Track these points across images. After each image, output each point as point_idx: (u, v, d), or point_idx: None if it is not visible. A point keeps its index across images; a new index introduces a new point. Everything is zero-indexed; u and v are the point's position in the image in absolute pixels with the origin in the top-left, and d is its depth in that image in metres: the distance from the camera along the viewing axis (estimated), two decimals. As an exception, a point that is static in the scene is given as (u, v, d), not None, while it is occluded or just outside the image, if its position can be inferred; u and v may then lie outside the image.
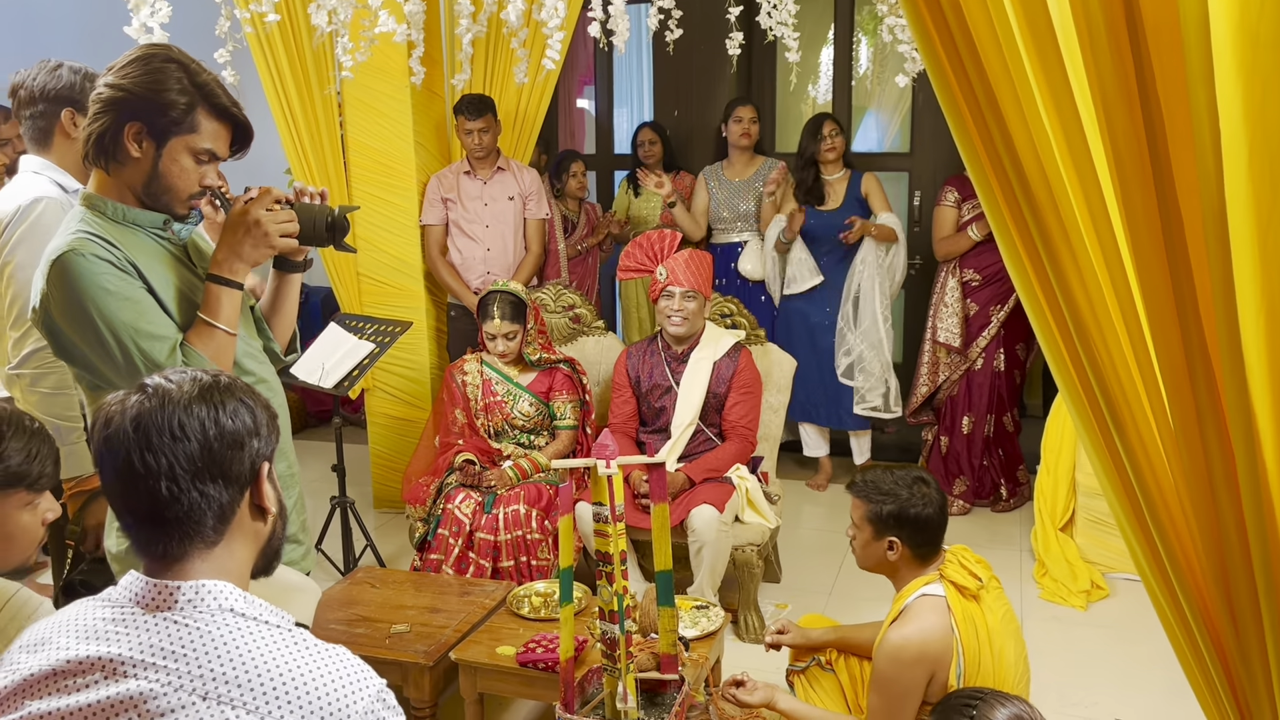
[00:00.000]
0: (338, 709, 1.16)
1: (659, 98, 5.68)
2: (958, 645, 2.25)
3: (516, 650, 2.80)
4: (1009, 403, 4.49)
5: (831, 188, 4.54)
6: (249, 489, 1.28)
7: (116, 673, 1.16)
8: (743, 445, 3.61)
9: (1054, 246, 1.21)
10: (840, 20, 5.37)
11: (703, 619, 2.99)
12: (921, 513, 2.32)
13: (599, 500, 2.45)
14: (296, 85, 4.14)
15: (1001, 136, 1.18)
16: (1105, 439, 1.27)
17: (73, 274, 1.80)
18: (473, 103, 4.15)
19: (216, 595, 1.21)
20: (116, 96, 1.84)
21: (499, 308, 3.65)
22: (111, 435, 1.21)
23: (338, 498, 3.81)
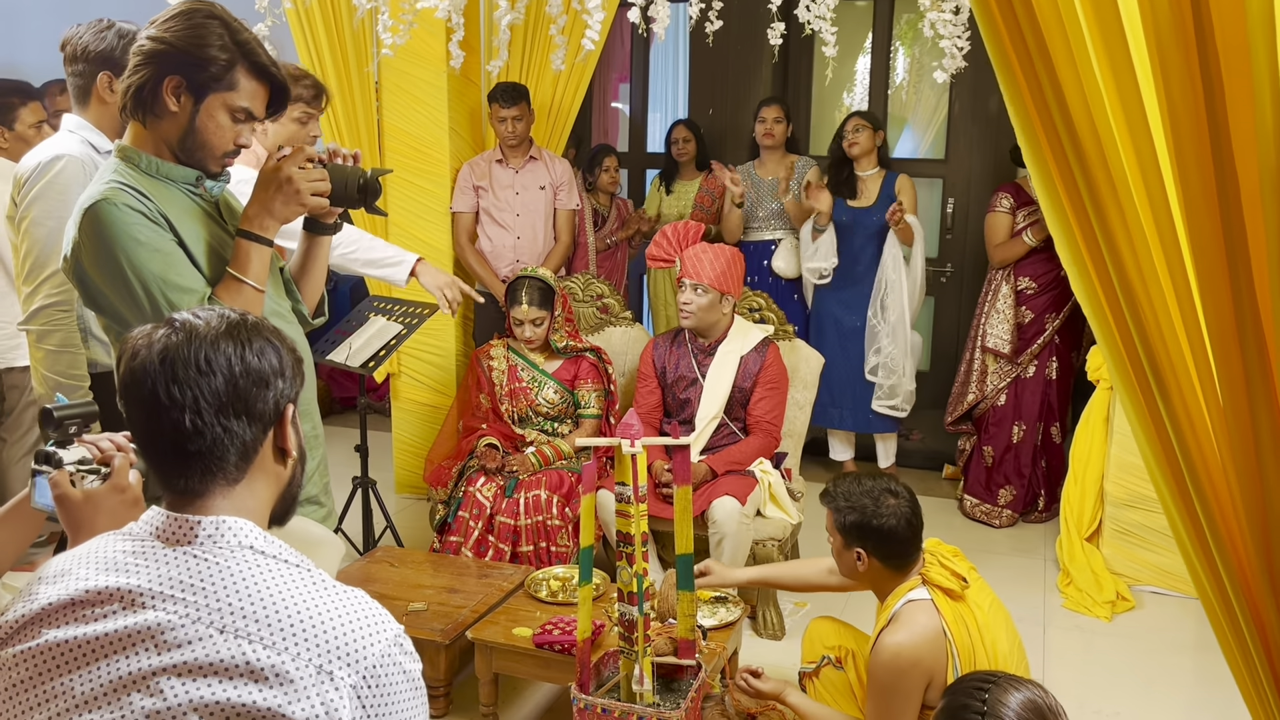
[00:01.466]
0: (355, 649, 1.14)
1: (694, 96, 5.67)
2: (951, 648, 2.22)
3: (533, 632, 2.78)
4: (1058, 412, 4.42)
5: (864, 184, 4.52)
6: (272, 429, 1.27)
7: (135, 603, 1.15)
8: (766, 440, 3.58)
9: (1101, 203, 1.18)
10: (879, 29, 5.35)
11: (721, 610, 2.96)
12: (885, 524, 2.31)
13: (622, 480, 2.43)
14: (335, 65, 4.16)
15: (1052, 87, 1.16)
16: (1149, 406, 1.23)
17: (104, 223, 1.81)
18: (507, 90, 4.15)
19: (236, 532, 1.20)
20: (157, 49, 1.85)
21: (527, 293, 3.64)
22: (137, 367, 1.20)
23: (360, 478, 3.81)
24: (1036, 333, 4.32)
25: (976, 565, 3.92)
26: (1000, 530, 4.37)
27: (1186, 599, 3.70)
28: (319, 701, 1.11)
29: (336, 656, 1.13)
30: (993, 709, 1.75)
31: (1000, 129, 4.99)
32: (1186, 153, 1.12)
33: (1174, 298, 1.20)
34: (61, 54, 2.53)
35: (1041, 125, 1.21)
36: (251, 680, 1.11)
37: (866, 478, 2.43)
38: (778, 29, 3.33)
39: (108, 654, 1.14)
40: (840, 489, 2.41)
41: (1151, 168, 1.17)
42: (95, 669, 1.14)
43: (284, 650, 1.12)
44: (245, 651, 1.12)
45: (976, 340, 4.42)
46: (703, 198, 5.04)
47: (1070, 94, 1.16)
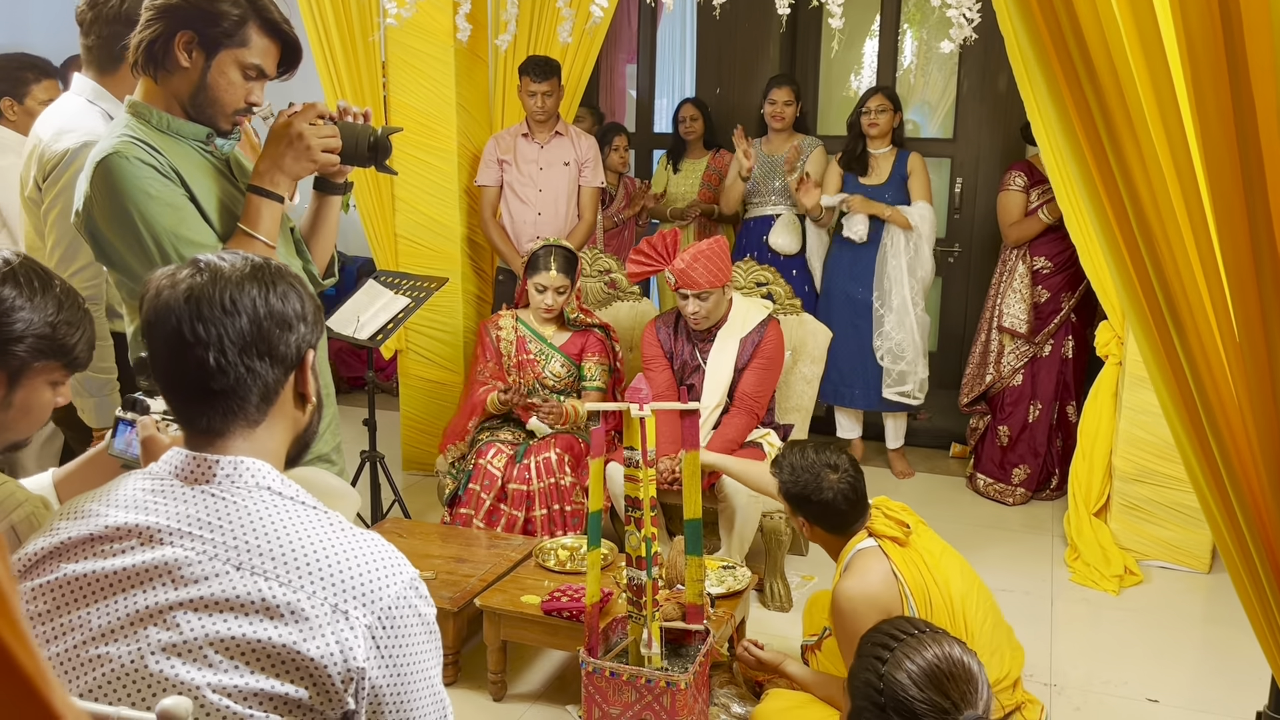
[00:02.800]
0: (371, 589, 1.15)
1: (701, 76, 5.66)
2: (904, 589, 2.33)
3: (541, 599, 2.79)
4: (1074, 391, 4.40)
5: (876, 162, 4.49)
6: (293, 373, 1.27)
7: (153, 540, 1.16)
8: (748, 418, 3.50)
9: (1118, 137, 1.17)
10: (886, 11, 5.33)
11: (729, 578, 2.96)
12: (822, 497, 2.43)
13: (630, 444, 2.43)
14: (341, 39, 4.15)
15: (1069, 21, 1.15)
16: (1165, 344, 1.23)
17: (116, 176, 1.81)
18: (539, 65, 4.12)
19: (254, 472, 1.21)
20: (170, 4, 1.84)
21: (555, 259, 3.61)
22: (162, 305, 1.20)
23: (368, 452, 3.82)
24: (1053, 311, 4.30)
25: (986, 540, 3.95)
26: (1012, 508, 4.36)
27: (1194, 573, 3.70)
28: (334, 640, 1.11)
29: (352, 596, 1.14)
30: (889, 686, 1.68)
31: (1009, 108, 4.97)
32: (1204, 86, 1.12)
33: (1190, 233, 1.19)
34: (90, 10, 2.39)
35: (1058, 59, 1.20)
36: (267, 617, 1.11)
37: (811, 449, 2.52)
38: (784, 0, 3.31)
39: (125, 588, 1.14)
40: (786, 460, 2.52)
41: (1169, 101, 1.16)
42: (112, 602, 1.14)
43: (300, 588, 1.12)
44: (261, 588, 1.12)
45: (992, 321, 4.40)
46: (710, 176, 5.02)
47: (1087, 27, 1.16)
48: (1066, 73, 1.22)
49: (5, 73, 3.64)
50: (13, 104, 3.63)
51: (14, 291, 1.45)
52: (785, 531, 3.43)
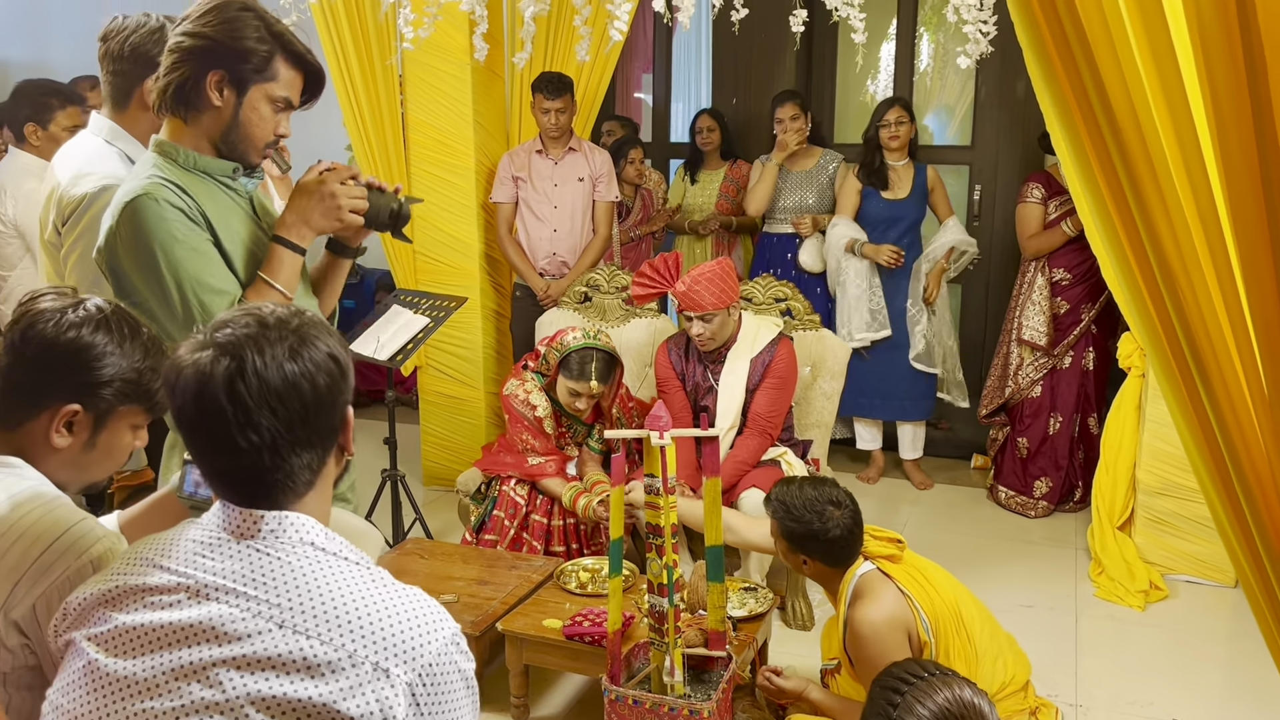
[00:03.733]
0: (412, 647, 1.15)
1: (718, 86, 5.65)
2: (913, 604, 2.35)
3: (563, 623, 2.79)
4: (1095, 403, 4.36)
5: (897, 174, 4.48)
6: (336, 437, 1.28)
7: (199, 595, 1.17)
8: (761, 440, 3.45)
9: (1141, 186, 1.16)
10: (903, 15, 5.30)
11: (750, 600, 2.95)
12: (831, 535, 2.44)
13: (651, 472, 2.43)
14: (359, 60, 4.17)
15: (1089, 69, 1.14)
16: (1190, 393, 1.22)
17: (143, 218, 1.83)
18: (552, 81, 4.12)
19: (299, 528, 1.21)
20: (197, 45, 1.86)
21: (596, 368, 3.40)
22: (207, 407, 1.17)
23: (389, 470, 3.83)
24: (1073, 323, 4.27)
25: (1008, 554, 3.93)
26: (1034, 520, 4.34)
27: (1221, 588, 3.66)
28: (374, 698, 1.12)
29: (393, 654, 1.14)
30: None
31: (1028, 114, 4.94)
32: (1229, 135, 1.10)
33: (1216, 283, 1.18)
34: (101, 45, 2.39)
35: (1078, 107, 1.19)
36: (308, 675, 1.12)
37: (808, 485, 2.54)
38: (799, 17, 3.30)
39: (170, 644, 1.16)
40: (785, 500, 2.52)
41: (1193, 150, 1.15)
42: (157, 657, 1.16)
43: (340, 646, 1.13)
44: (303, 646, 1.13)
45: (1012, 333, 4.38)
46: (728, 187, 5.01)
47: (1108, 76, 1.15)
48: (1086, 117, 1.21)
49: (30, 99, 3.69)
50: (37, 129, 3.68)
51: (105, 338, 1.51)
52: (806, 549, 3.42)
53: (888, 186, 4.47)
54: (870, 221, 4.49)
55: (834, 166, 4.70)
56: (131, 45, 2.35)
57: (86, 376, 1.50)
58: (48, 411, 1.50)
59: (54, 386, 1.49)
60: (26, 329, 1.50)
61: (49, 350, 1.48)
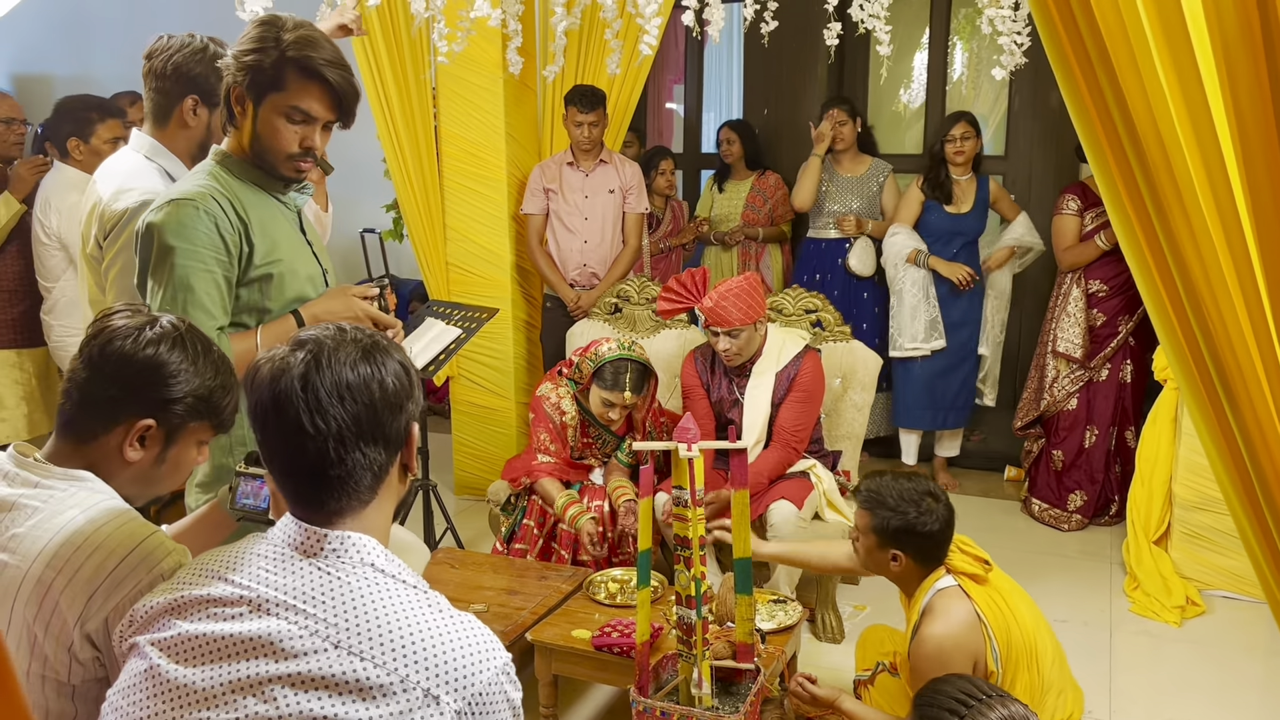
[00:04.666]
0: (464, 675, 1.17)
1: (749, 96, 5.66)
2: (987, 630, 2.27)
3: (592, 634, 2.80)
4: (1132, 416, 4.32)
5: (961, 189, 4.48)
6: (400, 450, 1.31)
7: (261, 609, 1.20)
8: (785, 453, 3.43)
9: (1165, 207, 1.16)
10: (936, 24, 5.29)
11: (780, 613, 2.95)
12: (929, 528, 2.34)
13: (679, 484, 2.44)
14: (394, 74, 4.23)
15: (1113, 90, 1.14)
16: (1216, 413, 1.21)
17: (180, 218, 1.93)
18: (586, 95, 4.16)
19: (360, 549, 1.24)
20: (227, 64, 1.98)
21: (630, 379, 3.40)
22: (280, 393, 1.22)
23: (420, 480, 3.87)
24: (1109, 335, 4.23)
25: (1042, 568, 3.89)
26: (1068, 533, 4.30)
27: (1258, 604, 3.61)
28: None
29: (444, 681, 1.16)
30: None
31: (1063, 124, 4.90)
32: (1254, 155, 1.10)
33: (1242, 303, 1.17)
34: (145, 62, 2.43)
35: (1103, 129, 1.19)
36: (360, 698, 1.14)
37: (903, 478, 2.44)
38: (834, 29, 3.31)
39: (229, 656, 1.18)
40: (876, 491, 2.41)
41: (1218, 170, 1.15)
42: (217, 668, 1.18)
43: (394, 671, 1.15)
44: (356, 668, 1.15)
45: (1048, 345, 4.35)
46: (754, 197, 5.03)
47: (1132, 96, 1.15)
48: (1110, 139, 1.21)
49: (71, 114, 3.77)
50: (79, 144, 3.76)
51: (180, 355, 1.57)
52: (836, 562, 3.41)
53: (951, 200, 4.46)
54: (931, 233, 4.49)
55: (883, 177, 4.72)
56: (174, 64, 2.40)
57: (161, 392, 1.56)
58: (123, 425, 1.55)
59: (130, 401, 1.55)
60: (105, 345, 1.55)
61: (127, 366, 1.54)
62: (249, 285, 2.03)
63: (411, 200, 4.48)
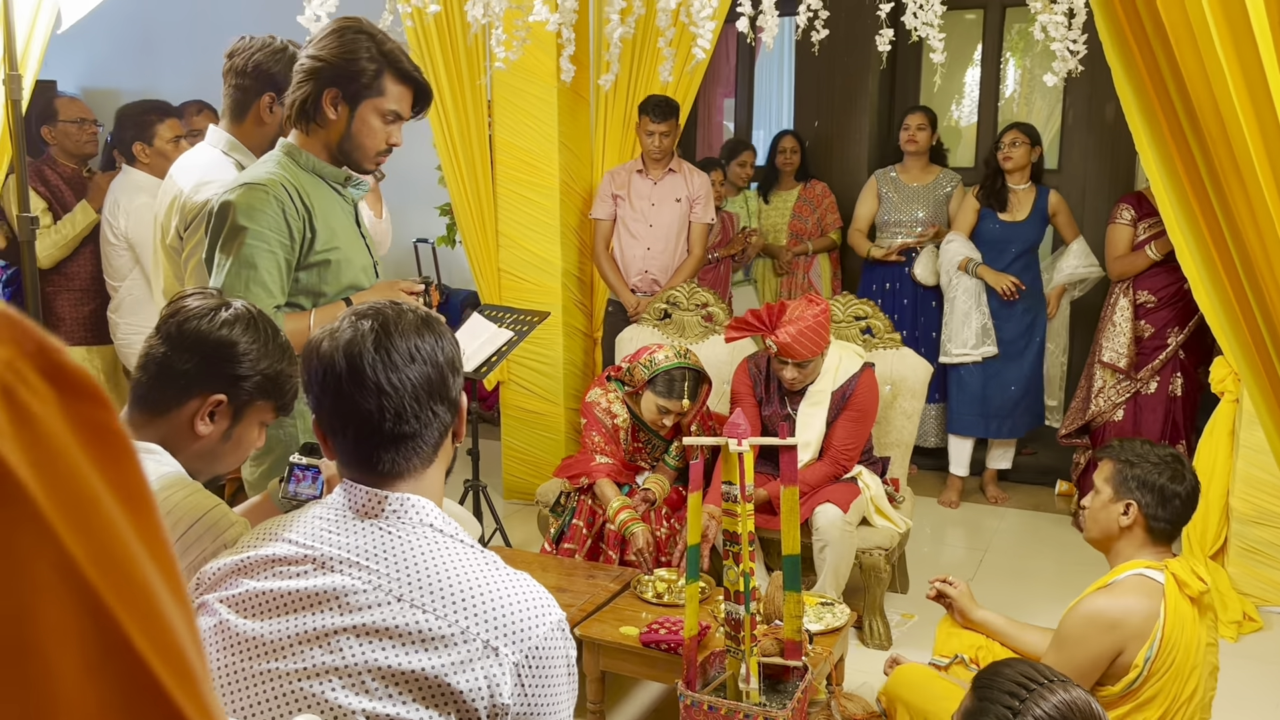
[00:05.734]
0: (522, 628, 1.20)
1: (799, 109, 5.68)
2: (1158, 632, 2.17)
3: (640, 631, 2.82)
4: (1184, 430, 4.26)
5: (1016, 197, 4.47)
6: (456, 414, 1.36)
7: (325, 566, 1.24)
8: (833, 469, 3.44)
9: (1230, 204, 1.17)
10: (989, 37, 5.28)
11: (828, 615, 2.94)
12: (1169, 486, 2.26)
13: (729, 479, 2.45)
14: (450, 82, 4.31)
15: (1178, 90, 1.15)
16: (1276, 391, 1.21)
17: (251, 201, 2.04)
18: (659, 105, 4.22)
19: (419, 510, 1.28)
20: (317, 66, 2.07)
21: (687, 386, 3.42)
22: (355, 356, 1.27)
23: (471, 480, 3.91)
24: (1157, 347, 4.18)
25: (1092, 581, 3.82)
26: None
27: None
28: (482, 675, 1.17)
29: (503, 634, 1.19)
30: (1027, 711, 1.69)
31: (1117, 137, 4.87)
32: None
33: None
34: (226, 60, 2.54)
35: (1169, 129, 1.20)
36: (422, 647, 1.18)
37: (1156, 445, 2.38)
38: (886, 35, 3.32)
39: (297, 609, 1.23)
40: (1127, 444, 2.37)
41: (1277, 146, 1.15)
42: (284, 620, 1.23)
43: (454, 623, 1.18)
44: (419, 620, 1.18)
45: (1095, 354, 4.32)
46: (801, 207, 5.05)
47: (1193, 81, 1.16)
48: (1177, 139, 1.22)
49: (133, 120, 3.90)
50: (144, 147, 3.88)
51: (251, 336, 1.66)
52: (885, 569, 3.40)
53: (1005, 208, 4.46)
54: (985, 241, 4.49)
55: (951, 187, 4.73)
56: (255, 62, 2.52)
57: (233, 369, 1.64)
58: (196, 399, 1.64)
59: (204, 376, 1.63)
60: (183, 323, 1.64)
61: (203, 343, 1.63)
62: (308, 269, 2.14)
63: (465, 207, 4.55)
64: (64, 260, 3.98)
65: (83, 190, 4.06)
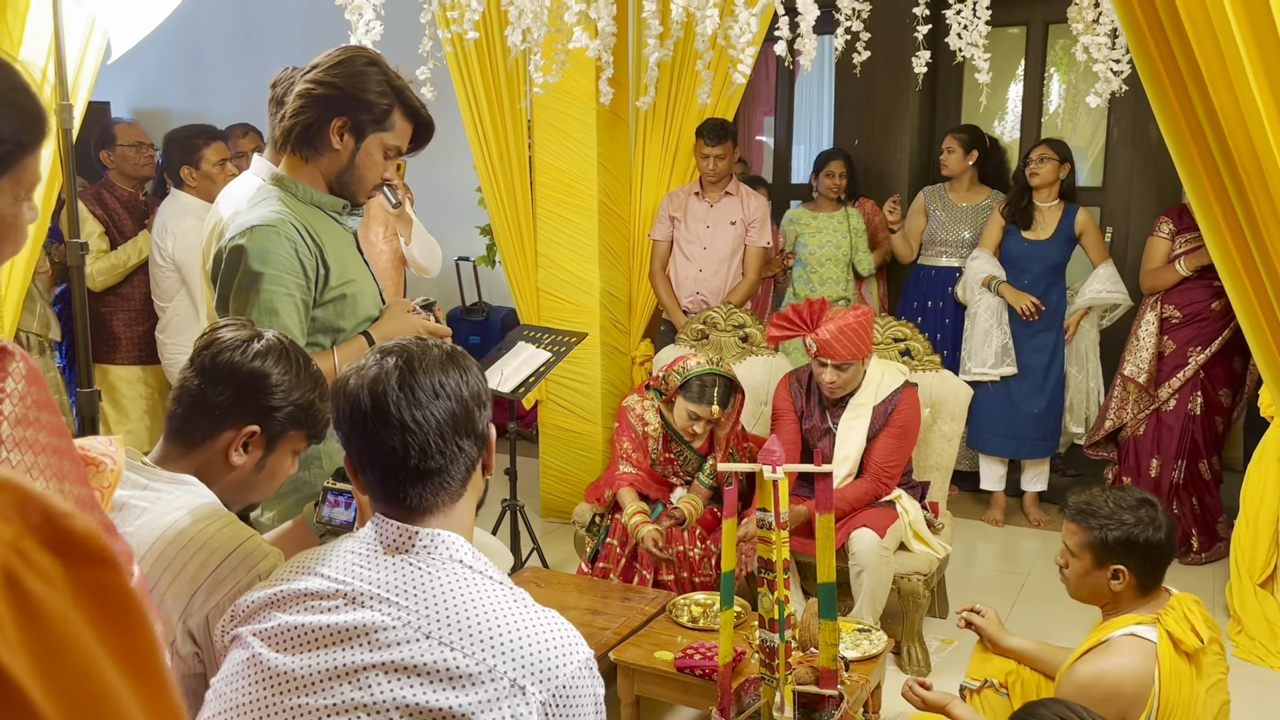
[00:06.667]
0: (548, 667, 1.20)
1: (840, 127, 5.67)
2: (1155, 698, 2.09)
3: (675, 655, 2.81)
4: (1205, 450, 4.20)
5: (1041, 215, 4.42)
6: (484, 447, 1.37)
7: (356, 602, 1.26)
8: (874, 487, 3.41)
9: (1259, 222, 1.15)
10: (1032, 53, 5.24)
11: (864, 641, 2.92)
12: (1152, 538, 2.17)
13: (763, 506, 2.44)
14: (490, 105, 4.35)
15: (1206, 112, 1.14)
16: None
17: (265, 242, 1.98)
18: (714, 129, 4.26)
19: (448, 545, 1.29)
20: (326, 93, 2.02)
21: (718, 392, 3.41)
22: (380, 394, 1.29)
23: (509, 500, 3.93)
24: (1178, 365, 4.15)
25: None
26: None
27: (1374, 653, 3.44)
28: (509, 713, 1.17)
29: (530, 672, 1.19)
30: None
31: (1162, 155, 4.78)
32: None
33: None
34: (271, 90, 2.57)
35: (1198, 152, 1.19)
36: (449, 685, 1.18)
37: (1113, 489, 2.29)
38: (922, 58, 3.31)
39: (327, 644, 1.24)
40: (1089, 503, 2.26)
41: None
42: (315, 655, 1.24)
43: (482, 660, 1.19)
44: (447, 658, 1.19)
45: (1120, 367, 4.33)
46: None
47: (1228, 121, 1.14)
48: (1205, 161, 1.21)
49: (180, 144, 3.98)
50: (191, 171, 3.96)
51: (283, 368, 1.67)
52: (924, 594, 3.37)
53: (1030, 226, 4.41)
54: (1008, 259, 4.46)
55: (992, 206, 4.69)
56: None
57: (267, 400, 1.66)
58: (230, 430, 1.65)
59: (238, 408, 1.64)
60: (215, 355, 1.66)
61: (236, 374, 1.64)
62: (324, 306, 2.09)
63: (505, 228, 4.59)
64: (118, 282, 4.07)
65: (139, 214, 4.15)
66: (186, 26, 6.40)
